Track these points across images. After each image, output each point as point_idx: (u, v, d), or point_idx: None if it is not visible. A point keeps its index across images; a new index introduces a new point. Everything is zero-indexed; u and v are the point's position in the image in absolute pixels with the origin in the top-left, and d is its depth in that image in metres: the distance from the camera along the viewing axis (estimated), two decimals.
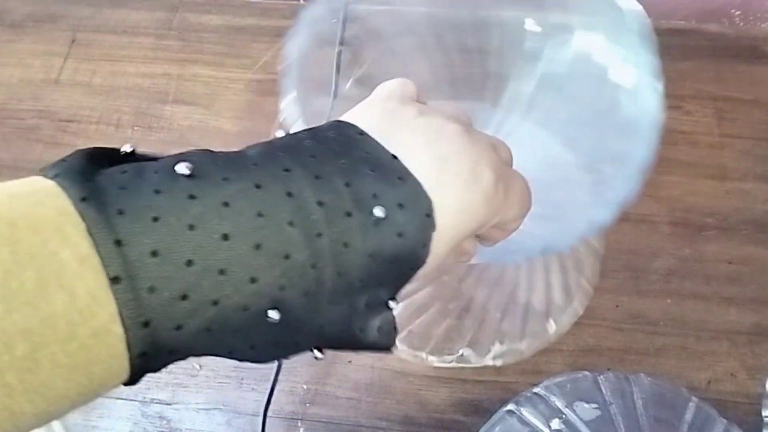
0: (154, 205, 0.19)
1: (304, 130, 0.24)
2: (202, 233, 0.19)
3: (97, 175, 0.19)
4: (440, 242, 0.23)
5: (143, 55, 0.69)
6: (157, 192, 0.19)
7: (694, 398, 0.39)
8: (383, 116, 0.25)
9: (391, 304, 0.24)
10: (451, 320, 0.51)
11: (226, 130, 0.65)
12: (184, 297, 0.19)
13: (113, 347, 0.18)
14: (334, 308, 0.22)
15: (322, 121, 0.26)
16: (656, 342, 0.53)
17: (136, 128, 0.65)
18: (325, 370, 0.54)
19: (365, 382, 0.53)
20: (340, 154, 0.23)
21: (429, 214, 0.23)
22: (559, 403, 0.38)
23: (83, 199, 0.18)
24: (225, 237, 0.19)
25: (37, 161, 0.64)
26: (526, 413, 0.38)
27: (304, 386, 0.53)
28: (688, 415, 0.38)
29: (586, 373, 0.41)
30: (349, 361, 0.54)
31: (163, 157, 0.21)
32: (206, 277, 0.19)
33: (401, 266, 0.23)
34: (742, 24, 0.65)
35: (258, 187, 0.20)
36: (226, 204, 0.20)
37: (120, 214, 0.18)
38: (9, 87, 0.68)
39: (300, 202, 0.21)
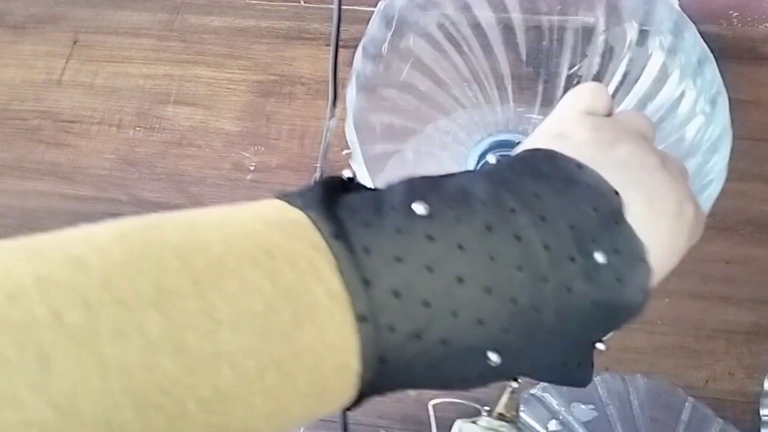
0: (396, 246, 0.19)
1: (516, 160, 0.24)
2: (439, 275, 0.19)
3: (339, 208, 0.20)
4: (663, 265, 0.23)
5: (145, 57, 0.69)
6: (398, 231, 0.20)
7: (690, 398, 0.40)
8: (590, 144, 0.24)
9: (599, 345, 0.24)
10: None
11: (227, 131, 0.65)
12: (418, 336, 0.19)
13: (349, 380, 0.19)
14: (547, 347, 0.22)
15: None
16: (654, 341, 0.53)
17: (138, 129, 0.66)
18: None
19: None
20: (562, 192, 0.22)
21: (644, 259, 0.22)
22: (556, 405, 0.38)
23: (335, 236, 0.19)
24: (459, 280, 0.20)
25: (39, 161, 0.64)
26: (524, 415, 0.39)
27: None
28: (685, 415, 0.38)
29: None
30: None
31: (388, 188, 0.22)
32: (439, 318, 0.19)
33: (618, 311, 0.23)
34: (740, 25, 0.65)
35: (488, 229, 0.21)
36: (460, 246, 0.20)
37: (366, 253, 0.19)
38: (11, 88, 0.69)
39: (527, 246, 0.21)
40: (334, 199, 0.20)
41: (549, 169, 0.23)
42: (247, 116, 0.65)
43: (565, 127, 0.25)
